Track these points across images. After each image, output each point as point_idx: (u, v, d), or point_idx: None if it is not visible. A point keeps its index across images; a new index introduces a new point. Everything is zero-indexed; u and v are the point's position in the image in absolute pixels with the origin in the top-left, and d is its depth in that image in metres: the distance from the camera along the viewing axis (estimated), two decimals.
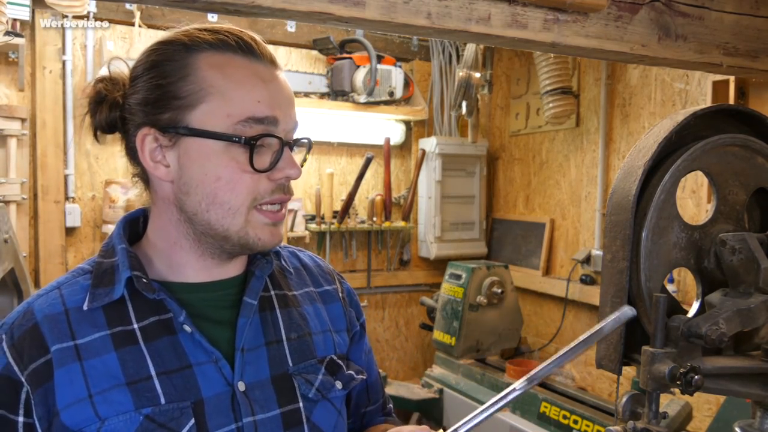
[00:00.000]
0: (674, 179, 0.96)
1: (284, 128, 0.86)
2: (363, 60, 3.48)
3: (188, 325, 0.85)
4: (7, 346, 0.81)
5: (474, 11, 1.17)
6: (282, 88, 0.88)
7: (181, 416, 0.81)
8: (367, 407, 1.11)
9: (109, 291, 0.85)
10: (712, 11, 1.40)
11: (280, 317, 0.94)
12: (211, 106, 0.83)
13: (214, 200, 0.84)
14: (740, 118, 1.06)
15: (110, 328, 0.83)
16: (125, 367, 0.81)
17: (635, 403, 0.94)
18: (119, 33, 3.17)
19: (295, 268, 1.04)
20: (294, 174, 0.86)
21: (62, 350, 0.81)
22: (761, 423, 1.02)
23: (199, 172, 0.84)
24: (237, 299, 0.91)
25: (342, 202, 3.60)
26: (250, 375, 0.88)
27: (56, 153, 3.02)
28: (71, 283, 0.87)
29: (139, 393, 0.81)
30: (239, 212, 0.84)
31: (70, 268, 3.17)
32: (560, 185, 3.55)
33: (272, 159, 0.85)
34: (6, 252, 2.31)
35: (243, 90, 0.84)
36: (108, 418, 0.79)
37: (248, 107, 0.83)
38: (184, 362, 0.84)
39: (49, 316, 0.83)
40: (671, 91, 2.89)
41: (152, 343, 0.84)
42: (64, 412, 0.79)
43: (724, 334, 0.91)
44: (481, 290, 3.26)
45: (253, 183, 0.84)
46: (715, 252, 0.99)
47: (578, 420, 2.57)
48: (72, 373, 0.80)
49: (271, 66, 0.88)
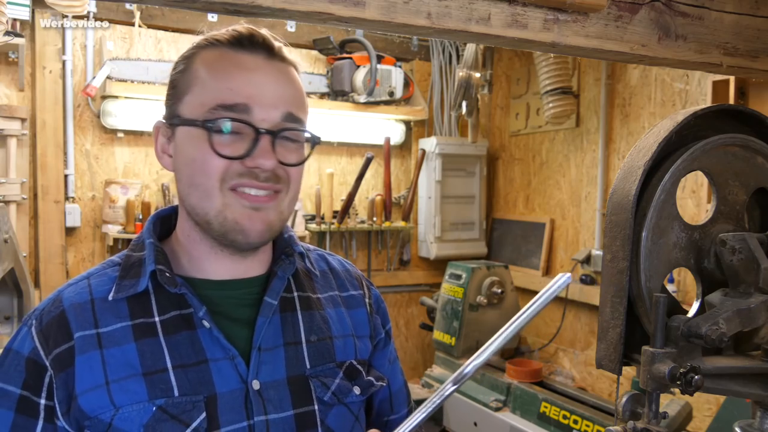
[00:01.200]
0: (674, 179, 0.96)
1: (263, 117, 0.85)
2: (363, 60, 3.49)
3: (207, 320, 0.86)
4: (36, 331, 0.85)
5: (474, 11, 1.17)
6: (267, 78, 0.87)
7: (193, 409, 0.83)
8: (390, 416, 1.09)
9: (135, 283, 0.88)
10: (712, 11, 1.40)
11: (301, 319, 0.95)
12: (193, 96, 0.87)
13: (191, 182, 0.87)
14: (740, 118, 1.06)
15: (132, 319, 0.86)
16: (143, 357, 0.84)
17: (635, 403, 0.94)
18: (119, 33, 3.17)
19: (321, 270, 1.04)
20: (265, 164, 0.85)
21: (85, 338, 0.84)
22: (761, 423, 1.02)
23: (182, 158, 0.88)
24: (258, 298, 0.92)
25: (342, 202, 3.60)
26: (266, 374, 0.88)
27: (56, 153, 3.02)
28: (100, 274, 0.91)
29: (153, 384, 0.83)
30: (211, 194, 0.85)
31: (70, 268, 3.18)
32: (560, 185, 3.55)
33: (248, 147, 0.85)
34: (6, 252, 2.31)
35: (217, 79, 0.86)
36: (122, 407, 0.81)
37: (218, 95, 0.85)
38: (200, 357, 0.86)
39: (76, 304, 0.86)
40: (671, 91, 2.89)
41: (171, 337, 0.86)
42: (82, 397, 0.81)
43: (724, 334, 0.91)
44: (481, 290, 3.26)
45: (223, 166, 0.85)
46: (715, 252, 0.99)
47: (578, 420, 2.57)
48: (92, 360, 0.83)
49: (264, 57, 0.88)
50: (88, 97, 3.08)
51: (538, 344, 3.60)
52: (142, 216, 3.13)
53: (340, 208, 3.59)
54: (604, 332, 1.01)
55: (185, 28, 3.30)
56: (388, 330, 1.08)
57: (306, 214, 3.66)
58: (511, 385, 2.93)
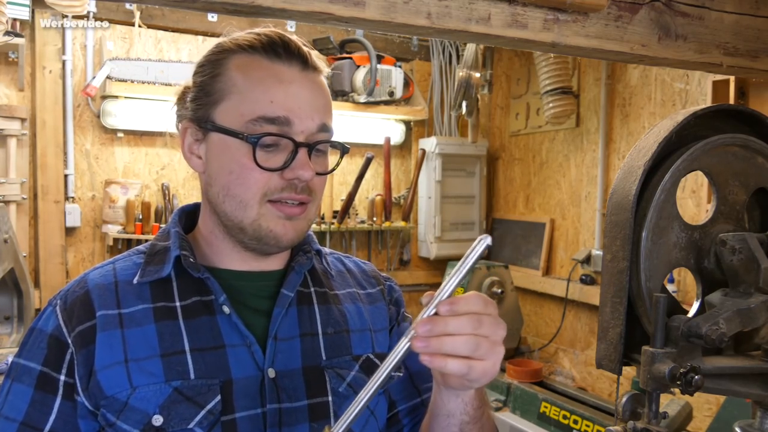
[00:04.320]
0: (674, 179, 0.96)
1: (301, 130, 0.88)
2: (363, 60, 3.48)
3: (227, 306, 0.88)
4: (60, 310, 0.87)
5: (474, 11, 1.17)
6: (304, 91, 0.89)
7: (208, 392, 0.84)
8: (415, 399, 1.04)
9: (159, 269, 0.91)
10: (712, 11, 1.40)
11: (318, 312, 0.96)
12: (230, 104, 0.88)
13: (228, 192, 0.88)
14: (740, 118, 1.06)
15: (154, 302, 0.88)
16: (162, 339, 0.86)
17: (635, 403, 0.94)
18: (119, 33, 3.16)
19: (338, 271, 1.06)
20: (304, 175, 0.87)
21: (107, 316, 0.86)
22: (761, 423, 1.02)
23: (217, 165, 0.89)
24: (276, 291, 0.94)
25: (342, 202, 3.60)
26: (281, 363, 0.90)
27: (56, 153, 3.02)
28: (125, 260, 0.94)
29: (170, 366, 0.84)
30: (249, 205, 0.87)
31: (70, 268, 3.18)
32: (560, 185, 3.55)
33: (286, 159, 0.87)
34: (6, 252, 2.31)
35: (258, 90, 0.87)
36: (139, 387, 0.83)
37: (260, 107, 0.86)
38: (218, 342, 0.87)
39: (100, 285, 0.89)
40: (671, 91, 2.89)
41: (191, 321, 0.88)
42: (101, 373, 0.83)
43: (724, 334, 0.91)
44: (481, 290, 3.26)
45: (263, 179, 0.87)
46: (715, 252, 0.99)
47: (578, 420, 2.57)
48: (113, 338, 0.85)
49: (299, 68, 0.90)
50: (88, 97, 3.08)
51: (538, 344, 3.60)
52: (142, 216, 3.12)
53: (340, 208, 3.59)
54: (604, 332, 1.01)
55: (185, 28, 3.30)
56: (402, 312, 1.09)
57: None
58: (511, 385, 2.93)
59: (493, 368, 0.74)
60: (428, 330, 0.71)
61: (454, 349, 0.71)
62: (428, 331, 0.71)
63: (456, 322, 0.72)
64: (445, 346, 0.71)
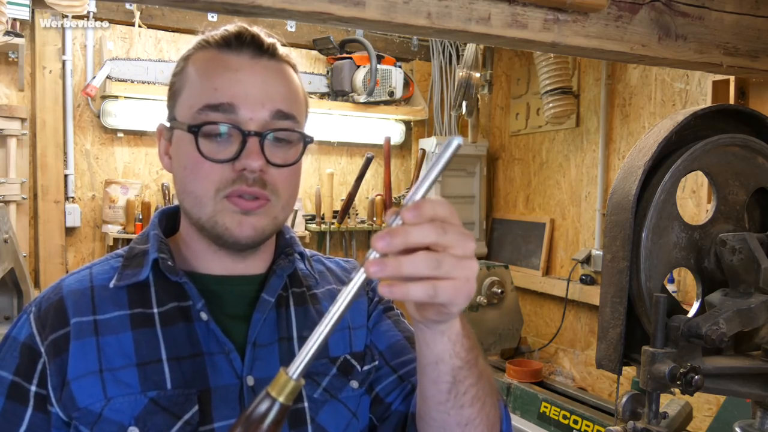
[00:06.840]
0: (674, 179, 0.96)
1: (250, 117, 0.83)
2: (363, 60, 3.48)
3: (205, 312, 0.86)
4: (34, 317, 0.85)
5: (474, 11, 1.17)
6: (254, 77, 0.85)
7: (185, 402, 0.82)
8: (398, 371, 0.97)
9: (137, 272, 0.88)
10: (713, 11, 1.40)
11: (294, 315, 0.94)
12: (183, 98, 0.87)
13: (185, 189, 0.86)
14: (740, 118, 1.06)
15: (131, 308, 0.86)
16: (138, 347, 0.83)
17: (635, 403, 0.94)
18: (119, 33, 3.16)
19: (319, 271, 1.03)
20: (251, 165, 0.82)
21: (81, 323, 0.83)
22: (761, 423, 1.02)
23: (176, 162, 0.88)
24: (256, 296, 0.92)
25: (342, 202, 3.59)
26: (260, 370, 0.88)
27: (56, 153, 3.02)
28: (102, 264, 0.92)
29: (147, 375, 0.82)
30: (203, 202, 0.84)
31: (70, 268, 3.18)
32: (560, 185, 3.55)
33: (237, 149, 0.83)
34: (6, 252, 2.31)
35: (203, 79, 0.85)
36: (114, 398, 0.80)
37: (204, 95, 0.84)
38: (196, 350, 0.85)
39: (75, 291, 0.86)
40: (671, 91, 2.89)
41: (168, 328, 0.85)
42: (74, 383, 0.80)
43: (724, 334, 0.91)
44: (481, 290, 3.26)
45: (214, 173, 0.83)
46: (715, 252, 0.99)
47: (578, 420, 2.57)
48: (87, 347, 0.82)
49: (250, 55, 0.86)
50: (88, 97, 3.08)
51: (538, 344, 3.60)
52: (142, 216, 3.12)
53: (340, 208, 3.59)
54: (604, 332, 1.01)
55: (185, 28, 3.30)
56: (377, 300, 1.03)
57: (306, 214, 3.66)
58: (511, 385, 2.93)
59: (466, 285, 0.62)
60: (387, 243, 0.59)
61: (414, 269, 0.60)
62: (387, 244, 0.59)
63: (418, 230, 0.60)
64: (404, 267, 0.59)
